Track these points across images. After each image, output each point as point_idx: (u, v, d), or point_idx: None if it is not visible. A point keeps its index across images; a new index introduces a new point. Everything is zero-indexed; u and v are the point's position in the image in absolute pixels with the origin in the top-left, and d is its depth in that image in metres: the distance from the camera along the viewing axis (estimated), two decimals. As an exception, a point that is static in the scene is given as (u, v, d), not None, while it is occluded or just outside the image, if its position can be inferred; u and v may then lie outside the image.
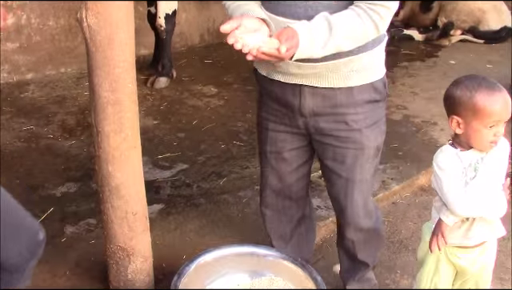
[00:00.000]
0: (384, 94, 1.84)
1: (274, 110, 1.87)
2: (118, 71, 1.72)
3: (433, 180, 1.77)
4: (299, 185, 2.00)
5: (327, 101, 1.76)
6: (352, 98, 1.76)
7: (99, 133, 1.80)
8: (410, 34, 5.18)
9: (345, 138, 1.80)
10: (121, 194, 1.88)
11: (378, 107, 1.83)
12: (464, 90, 1.65)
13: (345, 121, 1.78)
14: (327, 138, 1.82)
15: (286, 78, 1.77)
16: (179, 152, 3.18)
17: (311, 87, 1.75)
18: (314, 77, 1.72)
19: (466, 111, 1.64)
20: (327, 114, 1.78)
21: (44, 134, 3.32)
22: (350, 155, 1.82)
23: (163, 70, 4.06)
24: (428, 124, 3.54)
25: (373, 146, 1.83)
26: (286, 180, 1.98)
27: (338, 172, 1.86)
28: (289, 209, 2.05)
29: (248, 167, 3.05)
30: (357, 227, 1.95)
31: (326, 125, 1.79)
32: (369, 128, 1.81)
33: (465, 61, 4.65)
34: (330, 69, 1.70)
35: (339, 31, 1.57)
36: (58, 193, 2.77)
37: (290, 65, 1.70)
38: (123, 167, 1.85)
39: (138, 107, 1.83)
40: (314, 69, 1.70)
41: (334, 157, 1.84)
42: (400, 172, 3.01)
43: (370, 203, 1.95)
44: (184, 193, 2.81)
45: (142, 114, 3.41)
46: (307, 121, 1.81)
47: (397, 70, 4.40)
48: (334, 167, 1.86)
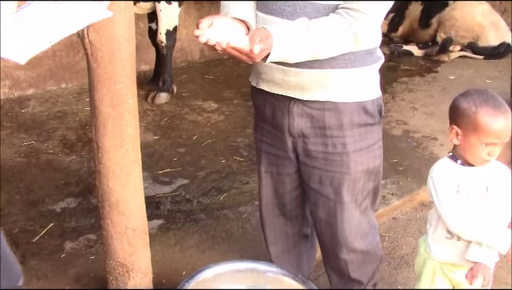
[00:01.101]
0: (377, 118, 1.80)
1: (267, 131, 1.88)
2: (118, 87, 1.73)
3: (428, 192, 1.78)
4: (293, 204, 1.99)
5: (315, 122, 1.75)
6: (340, 120, 1.74)
7: (100, 148, 1.81)
8: (410, 50, 5.21)
9: (332, 161, 1.78)
10: (121, 209, 1.88)
11: (369, 131, 1.79)
12: (470, 103, 1.67)
13: (333, 144, 1.76)
14: (314, 160, 1.80)
15: (271, 87, 1.77)
16: (179, 167, 3.18)
17: (299, 105, 1.74)
18: (299, 89, 1.71)
19: (468, 125, 1.67)
20: (315, 136, 1.77)
21: (44, 150, 3.32)
22: (337, 178, 1.79)
23: (164, 85, 4.08)
24: (428, 139, 3.54)
25: (361, 170, 1.79)
26: (279, 199, 1.98)
27: (326, 195, 1.83)
28: (284, 226, 2.04)
29: (248, 182, 3.04)
30: (350, 248, 1.90)
31: (314, 147, 1.78)
32: (358, 152, 1.77)
33: (464, 76, 4.67)
34: (315, 81, 1.69)
35: (316, 36, 1.56)
36: (58, 208, 2.76)
37: (273, 70, 1.70)
38: (123, 183, 1.85)
39: (138, 123, 1.84)
40: (298, 76, 1.68)
41: (320, 180, 1.82)
42: (400, 187, 3.01)
43: (363, 224, 1.89)
44: (184, 208, 2.80)
45: (142, 129, 3.42)
46: (296, 141, 1.80)
47: (396, 85, 4.42)
48: (321, 190, 1.83)
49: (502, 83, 4.20)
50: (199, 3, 4.85)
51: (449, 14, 5.17)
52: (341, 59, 1.67)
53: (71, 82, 4.19)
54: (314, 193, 1.86)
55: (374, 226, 1.97)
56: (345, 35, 1.59)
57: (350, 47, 1.63)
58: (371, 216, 1.93)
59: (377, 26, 1.68)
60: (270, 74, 1.73)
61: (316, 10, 1.61)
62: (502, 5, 5.86)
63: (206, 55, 5.02)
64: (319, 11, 1.61)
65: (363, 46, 1.67)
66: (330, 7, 1.61)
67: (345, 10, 1.59)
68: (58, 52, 4.08)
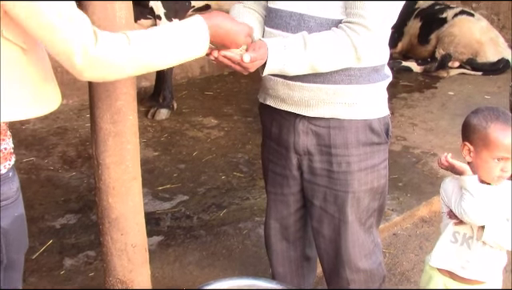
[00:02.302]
0: (384, 138, 1.79)
1: (273, 149, 1.88)
2: (119, 104, 1.74)
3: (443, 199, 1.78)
4: (297, 226, 1.98)
5: (321, 140, 1.75)
6: (345, 139, 1.73)
7: (100, 165, 1.81)
8: (409, 66, 5.24)
9: (336, 179, 1.77)
10: (121, 226, 1.87)
11: (375, 151, 1.78)
12: (481, 119, 1.68)
13: (337, 162, 1.75)
14: (319, 178, 1.80)
15: (277, 103, 1.78)
16: (179, 183, 3.18)
17: (304, 122, 1.74)
18: (303, 105, 1.72)
19: (479, 141, 1.68)
20: (320, 154, 1.77)
21: (44, 166, 3.32)
22: (341, 197, 1.79)
23: (164, 101, 4.10)
24: (428, 155, 3.54)
25: (365, 189, 1.79)
26: (283, 222, 1.97)
27: (330, 213, 1.82)
28: (287, 251, 2.03)
29: (248, 198, 3.04)
30: (353, 267, 1.88)
31: (319, 165, 1.78)
32: (362, 171, 1.77)
33: (463, 92, 4.69)
34: (319, 97, 1.69)
35: (314, 49, 1.57)
36: (58, 225, 2.76)
37: (279, 84, 1.71)
38: (123, 199, 1.85)
39: (138, 139, 1.84)
40: (302, 91, 1.69)
41: (324, 198, 1.81)
42: (400, 203, 3.01)
43: (367, 243, 1.88)
44: (184, 225, 2.80)
45: (142, 145, 3.43)
46: (301, 159, 1.80)
47: (396, 101, 4.43)
48: (325, 208, 1.82)
49: (501, 99, 4.22)
50: (199, 20, 4.88)
51: (447, 30, 5.21)
52: (345, 75, 1.67)
53: (72, 99, 4.21)
54: (318, 210, 1.85)
55: (378, 245, 1.94)
56: (344, 49, 1.59)
57: (350, 61, 1.63)
58: (375, 235, 1.92)
59: (381, 42, 1.68)
60: (276, 88, 1.74)
61: (319, 25, 1.62)
62: (501, 21, 5.91)
63: (206, 71, 5.05)
64: (323, 26, 1.62)
65: (366, 62, 1.67)
66: (334, 22, 1.62)
67: (347, 25, 1.60)
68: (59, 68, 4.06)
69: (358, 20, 1.58)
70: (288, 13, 1.67)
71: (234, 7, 1.80)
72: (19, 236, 1.48)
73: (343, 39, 1.58)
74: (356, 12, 1.58)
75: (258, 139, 3.61)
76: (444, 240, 1.80)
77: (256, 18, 1.75)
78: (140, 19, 3.88)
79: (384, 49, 1.74)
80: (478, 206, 1.66)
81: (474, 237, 1.74)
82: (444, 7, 5.48)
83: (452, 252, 1.77)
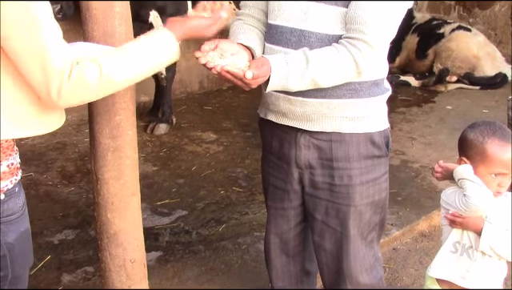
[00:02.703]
0: (385, 151, 1.80)
1: (273, 163, 1.88)
2: (118, 119, 1.74)
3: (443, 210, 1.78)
4: (297, 240, 1.97)
5: (323, 154, 1.75)
6: (347, 152, 1.74)
7: (99, 180, 1.80)
8: (407, 80, 5.26)
9: (338, 193, 1.77)
10: (119, 241, 1.86)
11: (376, 164, 1.78)
12: (478, 134, 1.69)
13: (339, 175, 1.76)
14: (320, 191, 1.80)
15: (278, 117, 1.78)
16: (178, 198, 3.17)
17: (306, 136, 1.75)
18: (305, 119, 1.73)
19: (476, 155, 1.68)
20: (322, 168, 1.77)
21: (43, 181, 3.32)
22: (343, 210, 1.78)
23: (163, 116, 4.10)
24: (426, 169, 3.54)
25: (366, 202, 1.79)
26: (283, 236, 1.96)
27: (332, 226, 1.82)
28: (287, 265, 2.02)
29: (247, 213, 3.03)
30: (354, 282, 1.86)
31: (321, 179, 1.78)
32: (364, 185, 1.77)
33: (461, 106, 4.70)
34: (320, 111, 1.70)
35: (316, 65, 1.57)
36: (56, 240, 2.74)
37: (280, 100, 1.71)
38: (122, 214, 1.84)
39: (137, 154, 1.84)
40: (303, 106, 1.69)
41: (326, 211, 1.81)
42: (400, 218, 3.00)
43: (369, 258, 1.87)
44: (183, 240, 2.78)
45: (141, 160, 3.42)
46: (302, 173, 1.80)
47: (394, 115, 4.44)
48: (327, 221, 1.82)
49: (499, 113, 4.23)
50: (198, 35, 4.91)
51: (445, 45, 5.24)
52: (346, 89, 1.68)
53: (71, 114, 4.20)
54: (320, 224, 1.84)
55: (379, 259, 1.93)
56: (345, 64, 1.60)
57: (351, 76, 1.64)
58: (376, 250, 1.91)
59: (381, 56, 1.69)
60: (277, 104, 1.74)
61: (320, 40, 1.64)
62: (498, 36, 5.95)
63: (205, 86, 5.06)
64: (323, 41, 1.63)
65: (367, 77, 1.68)
66: (334, 37, 1.63)
67: (347, 40, 1.61)
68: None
69: (359, 36, 1.59)
70: (288, 29, 1.68)
71: (234, 24, 1.81)
72: (24, 251, 1.48)
73: (344, 55, 1.60)
74: (356, 28, 1.59)
75: (257, 154, 3.61)
76: (444, 250, 1.80)
77: (256, 35, 1.76)
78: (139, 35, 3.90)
79: (383, 63, 1.75)
80: (480, 188, 1.65)
81: (473, 247, 1.73)
82: (441, 22, 5.52)
83: (452, 262, 1.77)
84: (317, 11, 1.64)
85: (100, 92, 1.40)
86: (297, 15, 1.67)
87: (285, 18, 1.69)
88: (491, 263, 1.73)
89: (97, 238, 1.91)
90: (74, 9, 3.36)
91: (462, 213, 1.72)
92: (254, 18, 1.81)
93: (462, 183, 1.69)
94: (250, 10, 1.82)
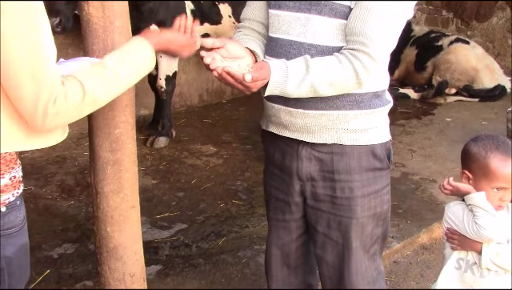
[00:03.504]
0: (386, 163, 1.79)
1: (276, 175, 1.88)
2: (118, 132, 1.74)
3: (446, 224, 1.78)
4: (298, 253, 1.96)
5: (324, 166, 1.75)
6: (348, 164, 1.73)
7: (98, 193, 1.80)
8: (406, 93, 5.28)
9: (339, 205, 1.77)
10: (119, 255, 1.85)
11: (378, 176, 1.78)
12: (480, 148, 1.69)
13: (341, 188, 1.75)
14: (322, 204, 1.79)
15: (279, 129, 1.78)
16: (178, 212, 3.16)
17: (307, 148, 1.75)
18: (306, 131, 1.73)
19: (478, 169, 1.68)
20: (324, 180, 1.77)
21: (43, 195, 3.31)
22: (344, 223, 1.78)
23: (163, 129, 4.11)
24: (427, 181, 3.54)
25: (368, 215, 1.78)
26: (284, 249, 1.95)
27: (334, 239, 1.81)
28: (288, 277, 2.00)
29: (247, 226, 3.02)
30: None
31: (322, 191, 1.78)
32: (366, 197, 1.76)
33: (460, 118, 4.71)
34: (321, 123, 1.70)
35: (316, 72, 1.58)
36: (55, 254, 2.73)
37: (281, 112, 1.72)
38: (122, 228, 1.83)
39: (137, 167, 1.84)
40: (304, 118, 1.69)
41: (328, 224, 1.80)
42: (400, 230, 2.99)
43: (371, 271, 1.85)
44: (182, 253, 2.77)
45: (141, 173, 3.42)
46: (304, 185, 1.80)
47: (394, 127, 4.44)
48: (329, 234, 1.81)
49: (498, 125, 4.24)
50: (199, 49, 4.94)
51: (443, 57, 5.27)
52: (347, 101, 1.68)
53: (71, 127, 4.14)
54: (322, 237, 1.83)
55: (381, 273, 1.91)
56: (346, 73, 1.60)
57: (351, 86, 1.64)
58: (379, 263, 1.90)
59: (382, 68, 1.69)
60: (278, 116, 1.75)
61: (320, 52, 1.64)
62: (496, 48, 5.98)
63: (205, 100, 5.08)
64: (324, 53, 1.64)
65: (367, 88, 1.68)
66: (334, 49, 1.64)
67: (348, 51, 1.61)
68: (58, 98, 4.12)
69: (360, 47, 1.60)
70: (288, 42, 1.69)
71: (235, 36, 1.83)
72: (22, 266, 1.47)
73: (345, 64, 1.60)
74: (357, 40, 1.60)
75: (256, 167, 3.62)
76: (448, 267, 1.79)
77: (258, 45, 1.77)
78: (139, 48, 3.92)
79: (384, 75, 1.75)
80: (494, 219, 1.65)
81: (478, 264, 1.72)
82: (439, 35, 5.56)
83: (457, 279, 1.76)
84: (316, 24, 1.64)
85: (84, 112, 1.40)
86: (296, 28, 1.68)
87: (284, 31, 1.70)
88: (496, 279, 1.72)
89: (96, 252, 1.90)
90: (73, 22, 3.38)
91: (466, 235, 1.72)
92: (254, 31, 1.82)
93: (474, 209, 1.69)
94: (250, 22, 1.83)
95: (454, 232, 1.75)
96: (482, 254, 1.69)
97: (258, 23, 1.82)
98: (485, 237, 1.67)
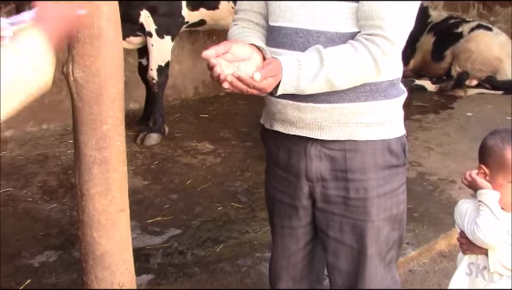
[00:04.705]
0: (402, 159, 1.79)
1: (280, 177, 1.87)
2: (105, 128, 1.74)
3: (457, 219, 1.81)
4: (304, 262, 1.96)
5: (336, 165, 1.75)
6: (363, 162, 1.73)
7: (84, 195, 1.80)
8: (422, 85, 5.28)
9: (353, 207, 1.76)
10: (106, 263, 1.86)
11: (394, 174, 1.78)
12: (497, 140, 1.72)
13: (355, 188, 1.75)
14: (333, 206, 1.79)
15: (286, 127, 1.77)
16: (171, 216, 3.17)
17: (317, 146, 1.74)
18: (316, 128, 1.72)
19: (494, 163, 1.71)
20: (336, 180, 1.76)
21: (23, 197, 3.32)
22: (359, 226, 1.78)
23: (154, 125, 4.11)
24: (445, 182, 3.54)
25: (384, 217, 1.78)
26: (291, 259, 1.95)
27: (347, 243, 1.81)
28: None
29: (248, 231, 3.03)
30: None
31: (334, 192, 1.77)
32: (381, 197, 1.76)
33: (482, 113, 4.71)
34: (333, 118, 1.70)
35: (331, 63, 1.57)
36: (36, 263, 2.74)
37: (288, 107, 1.71)
38: (109, 234, 1.84)
39: (126, 167, 1.84)
40: (314, 113, 1.69)
41: (340, 228, 1.80)
42: (416, 236, 2.99)
43: (387, 281, 1.85)
44: (176, 262, 2.77)
45: (130, 173, 3.42)
46: (313, 186, 1.79)
47: (409, 123, 4.45)
48: (342, 239, 1.81)
49: (525, 120, 4.24)
50: (194, 36, 4.94)
51: (463, 46, 5.27)
52: (361, 92, 1.68)
53: (53, 123, 4.22)
54: (333, 242, 1.83)
55: (397, 283, 1.91)
56: (364, 62, 1.60)
57: (370, 75, 1.63)
58: (395, 271, 1.90)
59: (399, 52, 1.69)
60: (284, 112, 1.73)
61: (330, 40, 1.63)
62: (522, 35, 5.97)
63: (201, 92, 5.08)
64: (334, 41, 1.63)
65: (385, 76, 1.68)
66: (346, 36, 1.63)
67: (364, 37, 1.61)
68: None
69: (377, 31, 1.59)
70: (293, 30, 1.68)
71: (231, 30, 1.81)
72: None
73: (362, 52, 1.59)
74: (373, 24, 1.60)
75: (257, 166, 3.62)
76: (459, 273, 1.82)
77: (259, 38, 1.76)
78: (129, 36, 3.93)
79: (399, 61, 1.75)
80: (496, 223, 1.66)
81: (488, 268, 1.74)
82: (459, 21, 5.55)
83: (468, 285, 1.79)
84: (324, 8, 1.64)
85: None
86: (301, 14, 1.67)
87: (288, 19, 1.69)
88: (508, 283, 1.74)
89: (81, 260, 1.90)
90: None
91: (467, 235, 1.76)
92: (252, 22, 1.81)
93: (481, 207, 1.71)
94: (246, 14, 1.82)
95: (462, 234, 1.77)
96: (488, 257, 1.71)
97: (256, 13, 1.80)
98: (478, 239, 1.71)
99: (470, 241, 1.76)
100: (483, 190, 1.72)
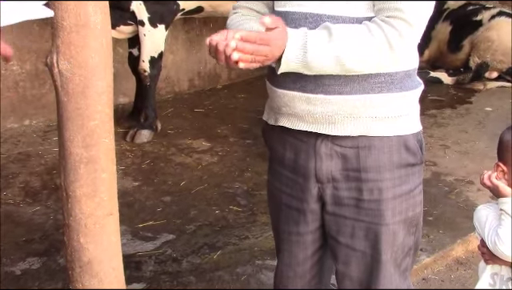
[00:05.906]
0: (419, 157, 1.80)
1: (286, 178, 1.87)
2: (92, 124, 1.75)
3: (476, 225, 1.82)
4: (313, 272, 1.97)
5: (348, 164, 1.75)
6: (378, 161, 1.74)
7: (69, 197, 1.81)
8: (438, 77, 5.29)
9: (366, 209, 1.77)
10: (94, 271, 1.87)
11: (410, 173, 1.78)
12: None
13: (369, 189, 1.75)
14: (345, 209, 1.79)
15: (293, 122, 1.77)
16: (164, 220, 3.18)
17: (327, 143, 1.75)
18: (326, 122, 1.72)
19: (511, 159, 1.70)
20: (348, 181, 1.76)
21: (2, 199, 3.32)
22: (373, 230, 1.78)
23: (146, 121, 4.12)
24: (463, 183, 3.55)
25: (399, 220, 1.78)
26: (298, 269, 1.95)
27: (360, 250, 1.81)
28: None
29: (247, 237, 3.03)
30: None
31: (347, 193, 1.77)
32: (397, 199, 1.77)
33: (503, 108, 4.72)
34: (345, 111, 1.70)
35: (341, 38, 1.58)
36: (18, 270, 2.75)
37: (296, 100, 1.71)
38: (97, 239, 1.85)
39: (115, 166, 1.85)
40: (325, 105, 1.69)
41: (352, 233, 1.80)
42: (431, 241, 3.00)
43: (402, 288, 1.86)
44: (170, 270, 2.79)
45: (120, 174, 3.43)
46: (323, 188, 1.79)
47: (423, 118, 4.40)
48: (353, 245, 1.81)
49: (549, 116, 4.24)
50: (188, 24, 4.95)
51: (483, 35, 5.27)
52: (375, 83, 1.68)
53: (36, 119, 4.23)
54: (344, 249, 1.83)
55: (410, 286, 1.93)
56: (377, 42, 1.60)
57: (384, 59, 1.63)
58: (409, 280, 1.91)
59: (417, 38, 1.68)
60: (292, 105, 1.74)
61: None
62: (546, 23, 5.96)
63: (196, 85, 5.09)
64: None
65: (400, 66, 1.69)
66: (360, 21, 1.63)
67: (381, 18, 1.61)
68: (20, 83, 4.13)
69: (395, 14, 1.60)
70: (302, 15, 1.68)
71: (231, 18, 1.82)
72: None
73: (376, 33, 1.59)
74: (391, 6, 1.60)
75: (258, 166, 3.63)
76: (482, 284, 1.82)
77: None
78: (119, 25, 3.93)
79: (415, 50, 1.76)
80: None
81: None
82: (478, 8, 5.55)
83: None
84: None
85: None
86: None
87: (295, 3, 1.70)
88: None
89: (67, 267, 1.91)
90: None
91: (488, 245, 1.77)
92: (253, 10, 1.82)
93: (502, 216, 1.72)
94: (247, 2, 1.83)
95: (483, 243, 1.78)
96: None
97: (257, 0, 1.82)
98: (500, 252, 1.71)
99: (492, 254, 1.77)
100: (506, 198, 1.71)
